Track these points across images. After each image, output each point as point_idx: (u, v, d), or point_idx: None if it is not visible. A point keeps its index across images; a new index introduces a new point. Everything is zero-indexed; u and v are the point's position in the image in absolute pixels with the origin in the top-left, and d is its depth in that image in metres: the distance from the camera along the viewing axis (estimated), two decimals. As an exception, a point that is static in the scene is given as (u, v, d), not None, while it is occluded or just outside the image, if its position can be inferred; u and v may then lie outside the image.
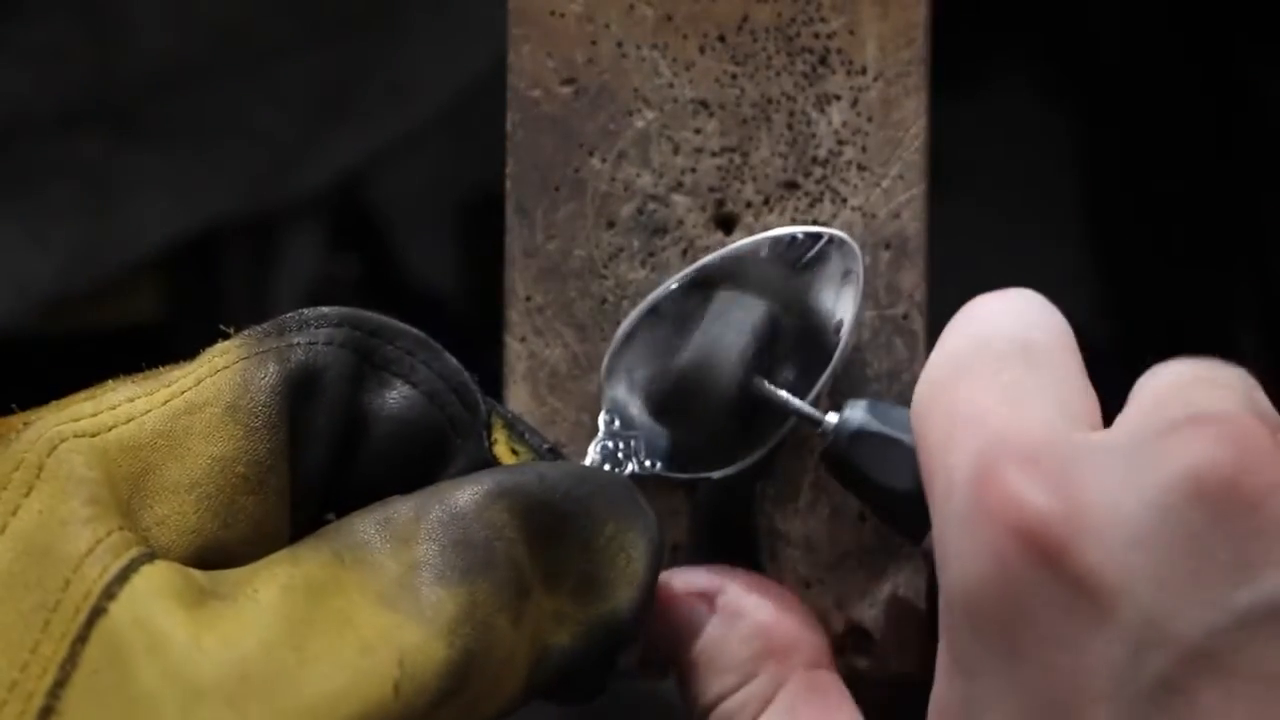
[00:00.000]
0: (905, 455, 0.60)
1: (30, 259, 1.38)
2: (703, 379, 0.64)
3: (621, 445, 0.65)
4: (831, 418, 0.63)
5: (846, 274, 0.65)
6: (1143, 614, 0.53)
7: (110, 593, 0.52)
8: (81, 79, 1.37)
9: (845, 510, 0.66)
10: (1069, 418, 0.56)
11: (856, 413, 0.62)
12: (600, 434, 0.65)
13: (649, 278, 0.67)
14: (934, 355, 0.59)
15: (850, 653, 0.67)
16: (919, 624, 0.67)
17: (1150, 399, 0.57)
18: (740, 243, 0.66)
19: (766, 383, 0.64)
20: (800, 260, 0.65)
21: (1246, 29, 1.59)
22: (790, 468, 0.67)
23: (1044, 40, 1.63)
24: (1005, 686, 0.55)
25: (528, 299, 0.68)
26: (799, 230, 0.65)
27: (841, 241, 0.65)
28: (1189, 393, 0.57)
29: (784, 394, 0.64)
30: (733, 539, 0.67)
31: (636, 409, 0.65)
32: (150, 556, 0.53)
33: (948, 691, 0.56)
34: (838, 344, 0.65)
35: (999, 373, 0.57)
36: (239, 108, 1.41)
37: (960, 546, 0.55)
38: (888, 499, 0.61)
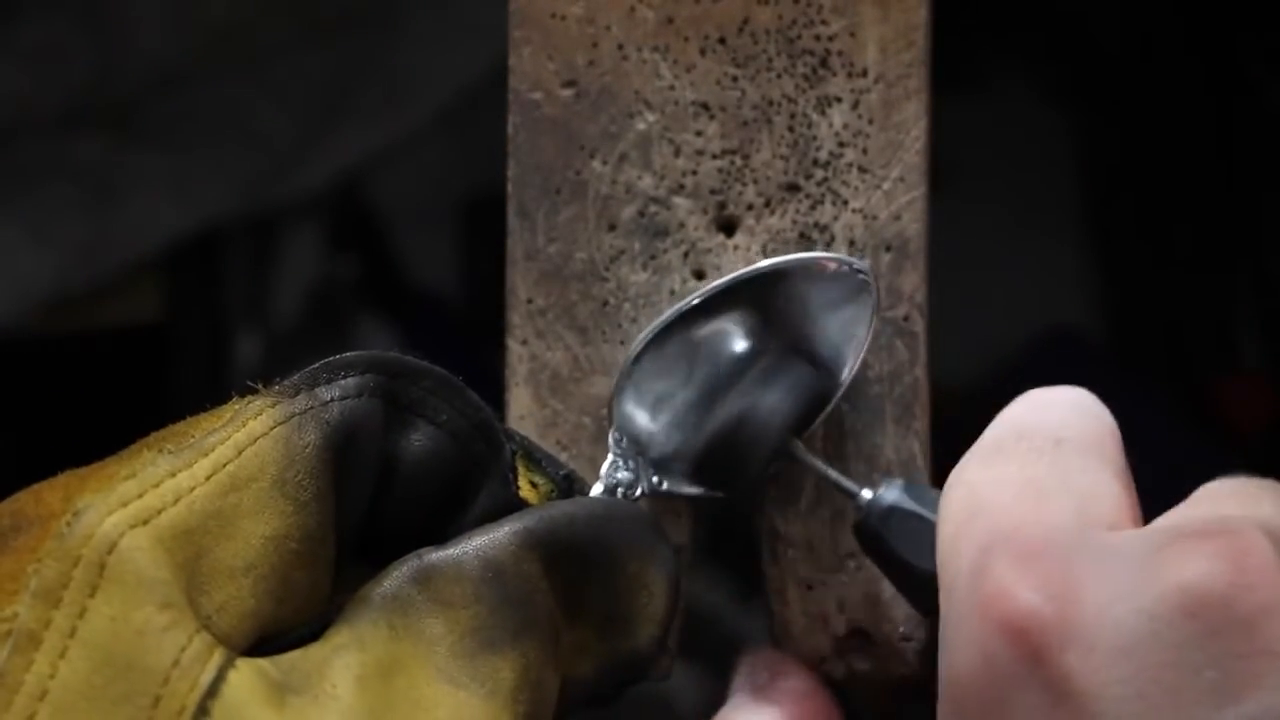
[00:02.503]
0: (934, 536, 0.60)
1: (30, 259, 1.38)
2: (744, 444, 0.64)
3: (630, 464, 0.65)
4: (866, 493, 0.63)
5: (857, 310, 0.65)
6: None
7: (204, 708, 0.52)
8: (81, 79, 1.37)
9: (847, 513, 0.67)
10: (1086, 517, 0.55)
11: (891, 491, 0.62)
12: (610, 454, 0.65)
13: (650, 280, 0.67)
14: (977, 442, 0.59)
15: (851, 655, 0.67)
16: (920, 627, 0.67)
17: (1186, 505, 0.56)
18: (756, 266, 0.65)
19: (801, 446, 0.64)
20: (816, 288, 0.65)
21: (1247, 29, 1.59)
22: (791, 471, 0.67)
23: (1044, 41, 1.63)
24: None
25: (529, 301, 0.68)
26: (815, 257, 0.65)
27: (862, 276, 0.64)
28: (1221, 503, 0.56)
29: (820, 464, 0.64)
30: (735, 541, 0.68)
31: (644, 425, 0.65)
32: (231, 660, 0.53)
33: None
34: (839, 382, 0.65)
35: (1025, 467, 0.57)
36: (239, 108, 1.41)
37: (954, 636, 0.55)
38: (915, 578, 0.61)
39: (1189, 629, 0.52)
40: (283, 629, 0.56)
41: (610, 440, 0.65)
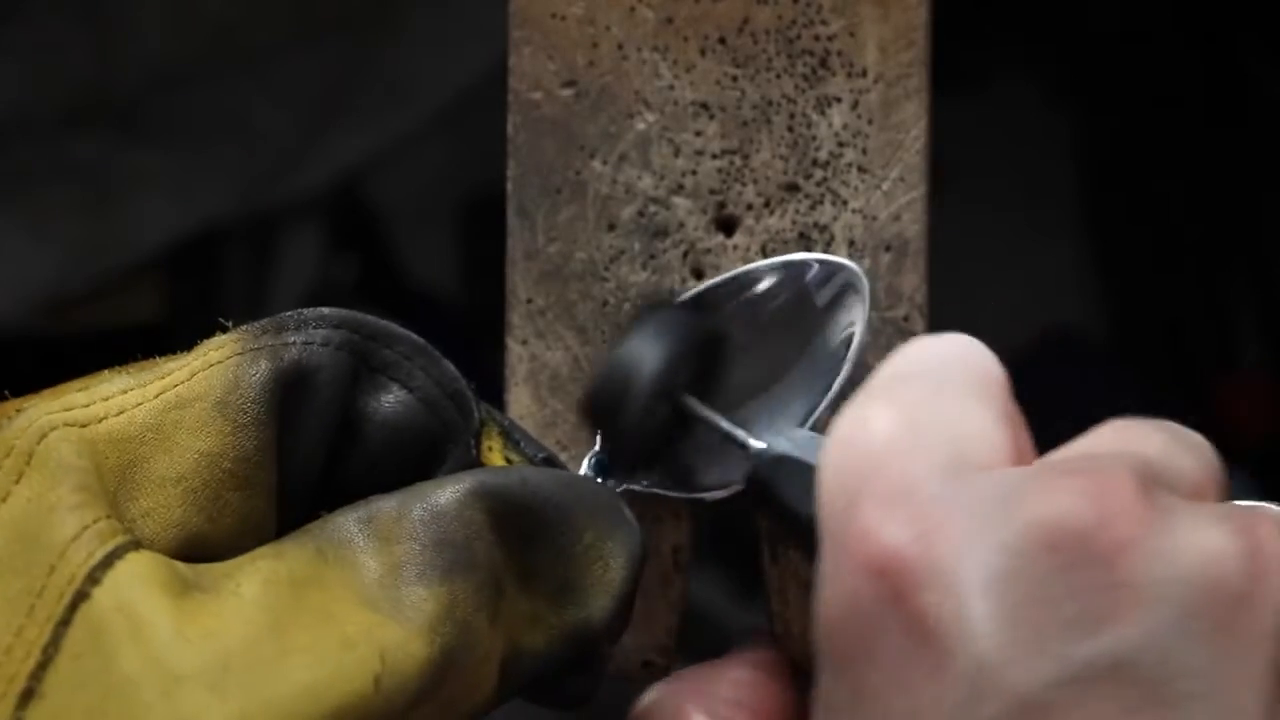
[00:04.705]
0: None
1: (30, 259, 1.38)
2: (614, 390, 0.63)
3: (615, 460, 0.64)
4: (756, 443, 0.62)
5: (853, 307, 0.65)
6: (980, 661, 0.52)
7: (94, 578, 0.52)
8: (81, 79, 1.37)
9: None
10: (960, 459, 0.55)
11: (781, 440, 0.61)
12: (596, 447, 0.65)
13: (650, 280, 0.67)
14: (862, 386, 0.59)
15: (851, 655, 0.67)
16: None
17: (1069, 445, 0.57)
18: (750, 266, 0.66)
19: (693, 401, 0.63)
20: (811, 287, 0.65)
21: (1247, 28, 1.59)
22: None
23: (1044, 41, 1.64)
24: None
25: (529, 301, 0.68)
26: (812, 257, 0.65)
27: (854, 274, 0.64)
28: (1105, 441, 0.56)
29: (711, 414, 0.63)
30: (734, 541, 0.67)
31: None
32: (135, 545, 0.54)
33: None
34: (838, 374, 0.65)
35: (905, 410, 0.56)
36: (239, 108, 1.41)
37: (825, 578, 0.55)
38: (802, 525, 0.60)
39: (1048, 564, 0.52)
40: (217, 554, 0.56)
41: (598, 435, 0.65)
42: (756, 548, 0.68)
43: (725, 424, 0.63)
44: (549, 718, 0.65)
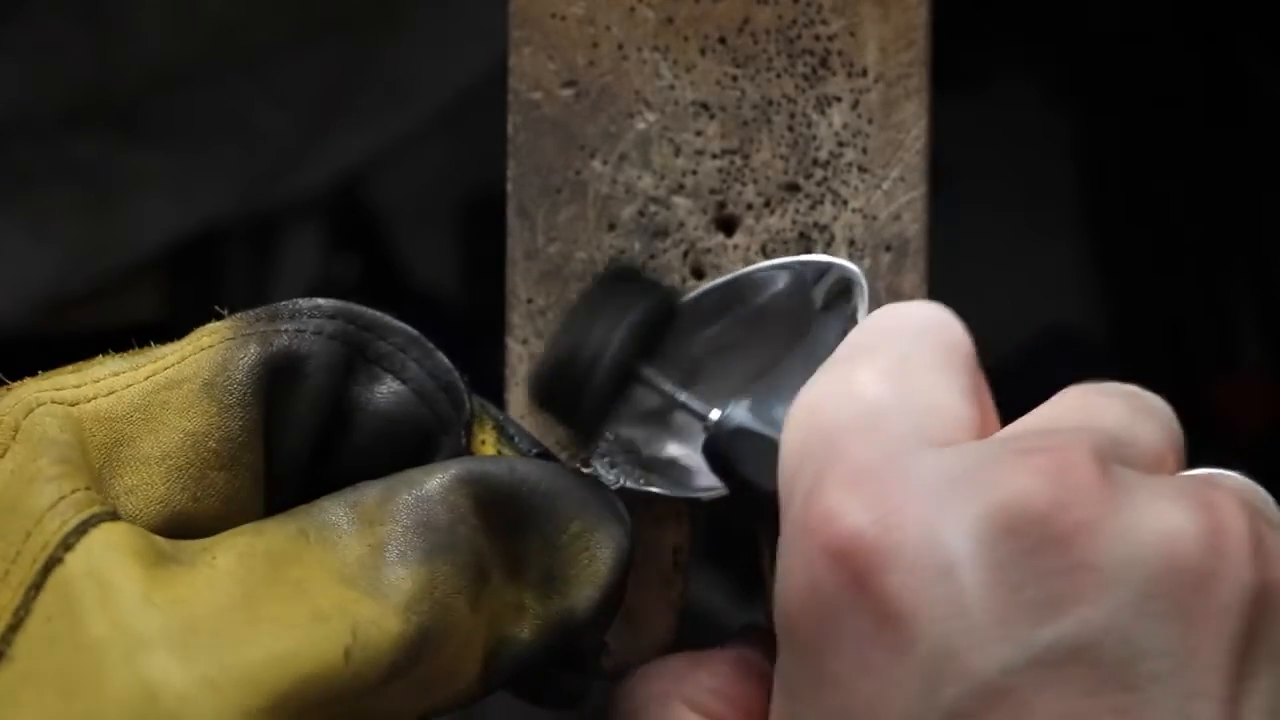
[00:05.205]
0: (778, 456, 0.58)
1: (30, 259, 1.38)
2: (569, 375, 0.62)
3: (616, 459, 0.64)
4: (715, 413, 0.61)
5: (852, 306, 0.65)
6: (942, 645, 0.52)
7: (67, 544, 0.53)
8: (81, 79, 1.37)
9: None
10: (923, 435, 0.55)
11: (739, 411, 0.61)
12: (599, 447, 0.65)
13: (650, 280, 0.68)
14: (828, 358, 0.59)
15: (851, 655, 0.67)
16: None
17: (1029, 415, 0.56)
18: (750, 267, 0.66)
19: (651, 373, 0.63)
20: (810, 287, 0.65)
21: (1247, 28, 1.59)
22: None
23: (1044, 41, 1.64)
24: (816, 710, 0.54)
25: (529, 301, 0.68)
26: (811, 258, 0.65)
27: (853, 274, 0.64)
28: (1065, 414, 0.56)
29: (668, 385, 0.63)
30: (734, 542, 0.67)
31: (636, 424, 0.65)
32: (113, 516, 0.54)
33: (776, 711, 0.56)
34: None
35: (869, 384, 0.56)
36: (239, 108, 1.42)
37: (786, 560, 0.55)
38: (760, 498, 0.59)
39: (1008, 547, 0.52)
40: (202, 533, 0.56)
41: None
42: (756, 548, 0.68)
43: (683, 395, 0.62)
44: (546, 718, 0.65)
